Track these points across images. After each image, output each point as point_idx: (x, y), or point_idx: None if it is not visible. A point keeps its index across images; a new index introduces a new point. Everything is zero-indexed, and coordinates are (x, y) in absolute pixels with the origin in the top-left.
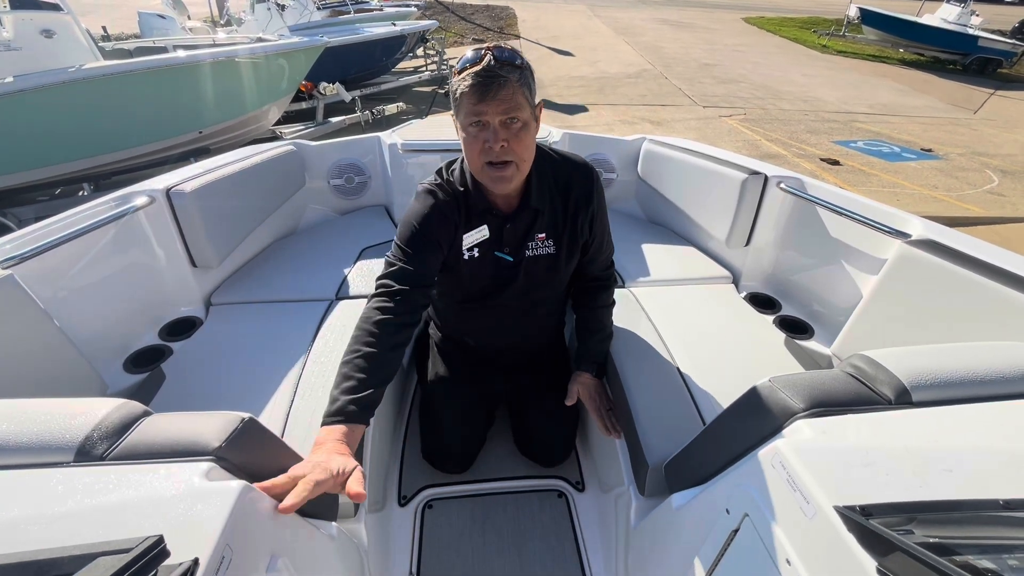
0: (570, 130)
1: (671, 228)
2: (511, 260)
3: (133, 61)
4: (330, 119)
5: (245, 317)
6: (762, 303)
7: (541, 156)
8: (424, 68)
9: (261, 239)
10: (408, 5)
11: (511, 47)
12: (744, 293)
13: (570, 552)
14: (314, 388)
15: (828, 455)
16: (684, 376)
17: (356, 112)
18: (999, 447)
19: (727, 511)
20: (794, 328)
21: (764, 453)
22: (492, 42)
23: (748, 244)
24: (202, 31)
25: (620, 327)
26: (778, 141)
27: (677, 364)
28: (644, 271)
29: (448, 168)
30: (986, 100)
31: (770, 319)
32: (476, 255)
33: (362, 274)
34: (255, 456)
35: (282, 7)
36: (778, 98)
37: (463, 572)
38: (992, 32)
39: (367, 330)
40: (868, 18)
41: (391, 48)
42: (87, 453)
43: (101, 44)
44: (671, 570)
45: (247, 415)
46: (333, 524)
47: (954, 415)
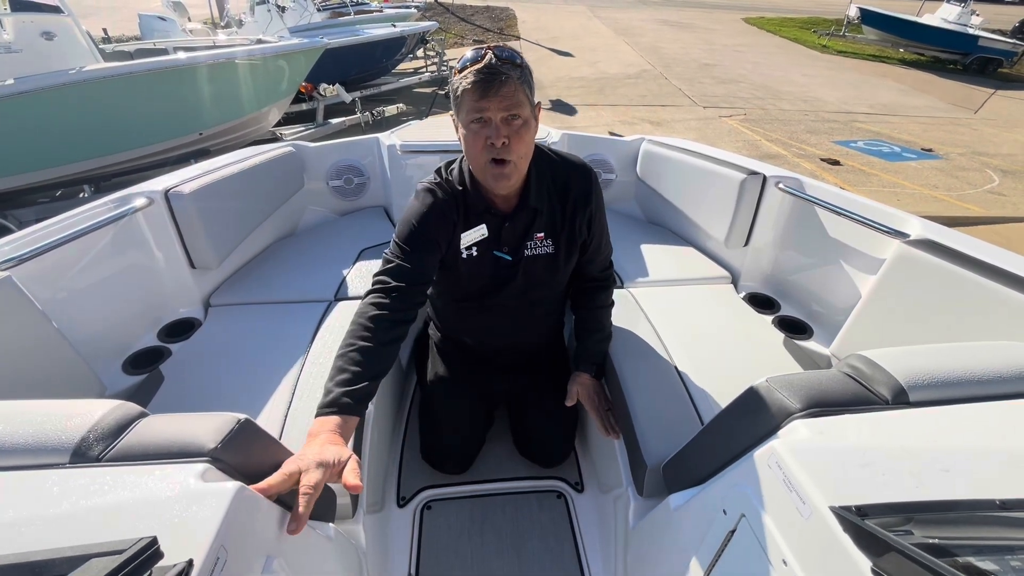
0: (569, 131)
1: (670, 228)
2: (510, 259)
3: (133, 63)
4: (330, 120)
5: (244, 318)
6: (761, 303)
7: (540, 156)
8: (424, 69)
9: (260, 240)
10: (408, 6)
11: (510, 47)
12: (743, 293)
13: (569, 553)
14: (313, 389)
15: (824, 455)
16: (683, 376)
17: (356, 113)
18: (996, 447)
19: (724, 511)
20: (793, 328)
21: (761, 453)
22: (492, 43)
23: (747, 244)
24: (202, 33)
25: (619, 327)
26: (778, 141)
27: (676, 364)
28: (643, 271)
29: (447, 168)
30: (986, 100)
31: (769, 319)
32: (475, 254)
33: (361, 275)
34: (251, 457)
35: (282, 9)
36: (778, 98)
37: (462, 573)
38: (992, 32)
39: (362, 324)
40: (868, 18)
41: (391, 49)
42: (83, 454)
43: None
44: (669, 571)
45: (243, 416)
46: (330, 525)
47: (951, 415)
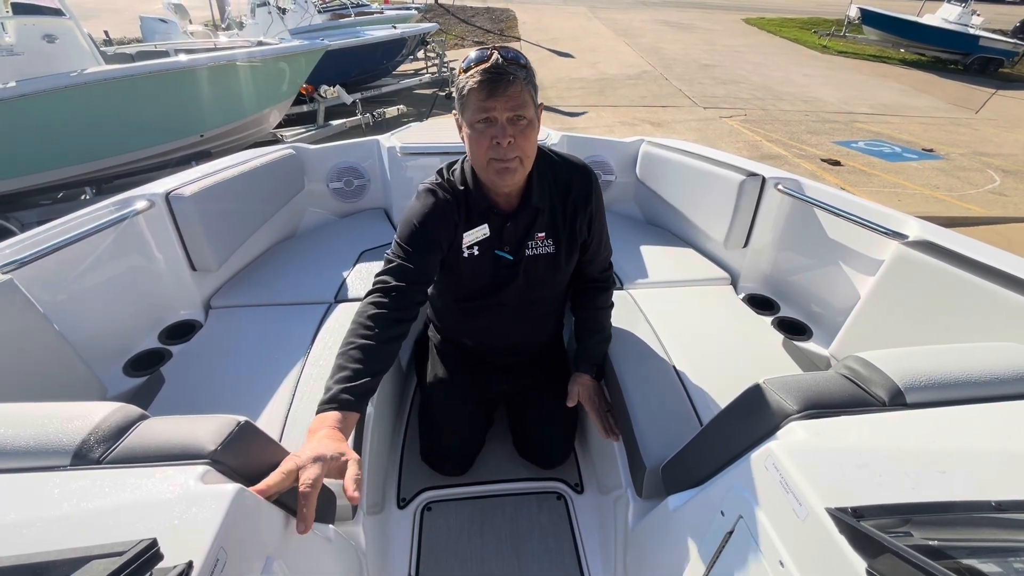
0: (569, 132)
1: (669, 230)
2: (511, 259)
3: (135, 65)
4: (331, 122)
5: (244, 320)
6: (760, 304)
7: (541, 157)
8: (425, 71)
9: (260, 242)
10: (408, 8)
11: (515, 48)
12: (742, 294)
13: (568, 554)
14: (313, 391)
15: (821, 457)
16: (682, 378)
17: (357, 115)
18: (993, 448)
19: (722, 513)
20: (792, 329)
21: (758, 455)
22: (496, 43)
23: (746, 245)
24: (203, 35)
25: (618, 328)
26: (779, 142)
27: (675, 366)
28: (642, 273)
29: (449, 168)
30: (987, 100)
31: (768, 320)
32: (476, 253)
33: (361, 277)
34: (251, 459)
35: (283, 11)
36: (778, 99)
37: (462, 574)
38: (993, 32)
39: (362, 323)
40: (868, 18)
41: (391, 51)
42: (83, 457)
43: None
44: (668, 572)
45: (243, 418)
46: (330, 526)
47: (948, 416)
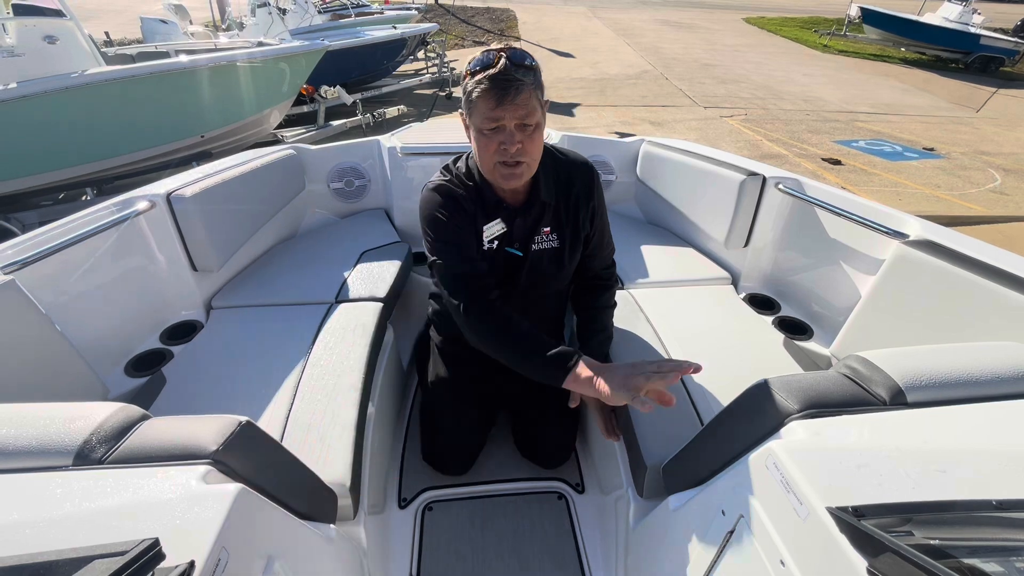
0: (570, 132)
1: (670, 229)
2: (520, 254)
3: (135, 66)
4: (331, 122)
5: (245, 320)
6: (761, 304)
7: (545, 153)
8: (425, 71)
9: (261, 243)
10: (408, 8)
11: (521, 49)
12: (743, 294)
13: (570, 554)
14: (313, 391)
15: (822, 456)
16: (683, 377)
17: (357, 115)
18: (993, 448)
19: (723, 512)
20: (793, 329)
21: (758, 454)
22: (502, 43)
23: (747, 245)
24: (204, 36)
25: (619, 328)
26: (779, 141)
27: None
28: (643, 272)
29: (454, 164)
30: (988, 99)
31: (769, 320)
32: (494, 247)
33: (362, 277)
34: (252, 459)
35: (283, 11)
36: (779, 98)
37: (463, 574)
38: (994, 30)
39: (504, 316)
40: (869, 17)
41: (392, 51)
42: (86, 457)
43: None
44: (669, 571)
45: (244, 418)
46: (331, 526)
47: (949, 416)
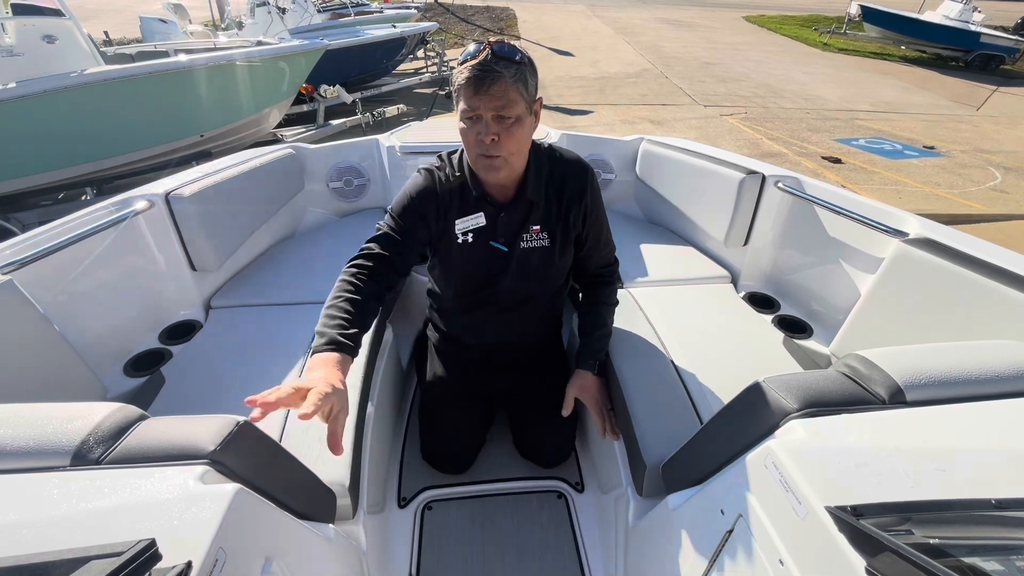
0: (569, 131)
1: (669, 228)
2: (505, 250)
3: (135, 66)
4: (331, 121)
5: (244, 320)
6: (761, 303)
7: (539, 152)
8: (424, 70)
9: (260, 242)
10: (408, 7)
11: (512, 43)
12: (743, 293)
13: (569, 553)
14: None
15: (820, 455)
16: (682, 376)
17: (357, 114)
18: (993, 447)
19: (722, 511)
20: (793, 327)
21: (757, 454)
22: (496, 37)
23: (746, 244)
24: (203, 35)
25: (618, 327)
26: (779, 139)
27: (675, 364)
28: (642, 271)
29: (451, 154)
30: (988, 97)
31: (769, 319)
32: (470, 240)
33: None
34: (250, 459)
35: (282, 10)
36: (779, 96)
37: (463, 573)
38: (994, 28)
39: (349, 282)
40: (869, 15)
41: (391, 50)
42: (83, 457)
43: (103, 49)
44: (668, 570)
45: (242, 419)
46: (330, 526)
47: (948, 415)
